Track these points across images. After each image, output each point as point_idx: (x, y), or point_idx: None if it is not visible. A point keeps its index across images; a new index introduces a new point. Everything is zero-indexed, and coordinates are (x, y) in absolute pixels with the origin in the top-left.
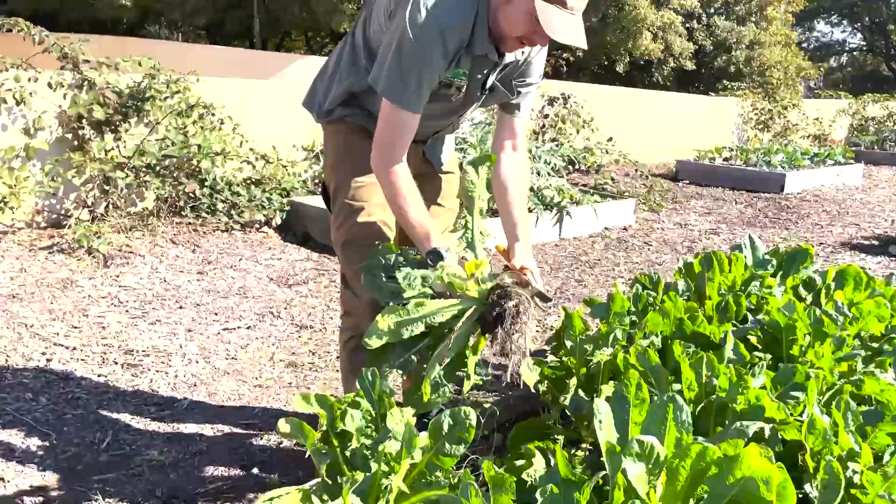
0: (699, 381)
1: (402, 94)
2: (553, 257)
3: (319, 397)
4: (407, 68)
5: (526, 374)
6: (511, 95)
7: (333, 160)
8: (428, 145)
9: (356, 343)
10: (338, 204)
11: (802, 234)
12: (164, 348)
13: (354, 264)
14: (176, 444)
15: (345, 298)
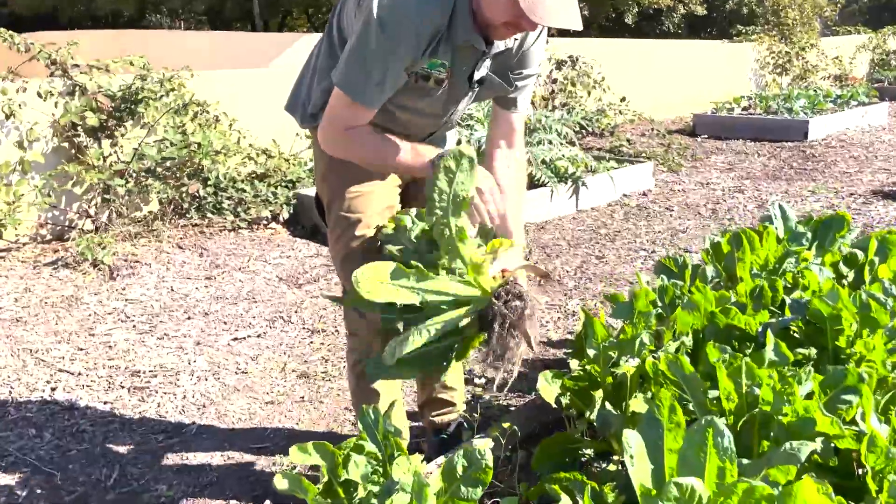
0: (738, 391)
1: (361, 88)
2: (571, 232)
3: (318, 446)
4: (371, 59)
5: (544, 388)
6: (508, 88)
7: (324, 170)
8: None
9: (364, 368)
10: (333, 216)
11: (831, 184)
12: (172, 366)
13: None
14: (185, 475)
15: (349, 317)
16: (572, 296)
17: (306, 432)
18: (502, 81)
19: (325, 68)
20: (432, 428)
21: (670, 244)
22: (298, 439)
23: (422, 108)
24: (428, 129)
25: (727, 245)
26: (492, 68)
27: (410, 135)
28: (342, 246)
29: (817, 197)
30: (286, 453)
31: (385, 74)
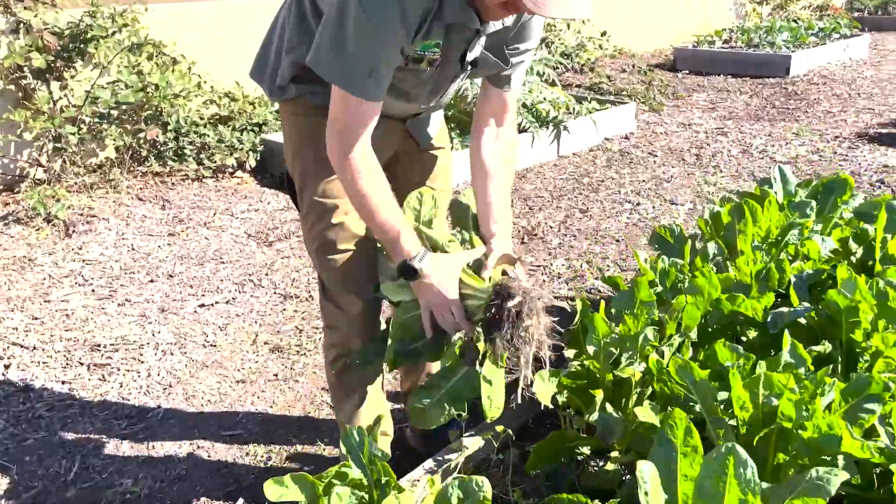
0: (754, 401)
1: (353, 81)
2: (553, 181)
3: (296, 479)
4: (356, 50)
5: (540, 387)
6: (504, 66)
7: (295, 148)
8: (410, 122)
9: (345, 364)
10: (306, 201)
11: (815, 125)
12: (134, 338)
13: (333, 272)
14: (151, 467)
15: (326, 310)
16: (557, 255)
17: (281, 417)
18: (498, 60)
19: (294, 38)
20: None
21: (655, 195)
22: (272, 424)
23: (409, 89)
24: (412, 111)
25: (727, 216)
26: (486, 45)
27: (393, 116)
28: (317, 235)
29: (802, 140)
30: (260, 441)
31: (375, 64)
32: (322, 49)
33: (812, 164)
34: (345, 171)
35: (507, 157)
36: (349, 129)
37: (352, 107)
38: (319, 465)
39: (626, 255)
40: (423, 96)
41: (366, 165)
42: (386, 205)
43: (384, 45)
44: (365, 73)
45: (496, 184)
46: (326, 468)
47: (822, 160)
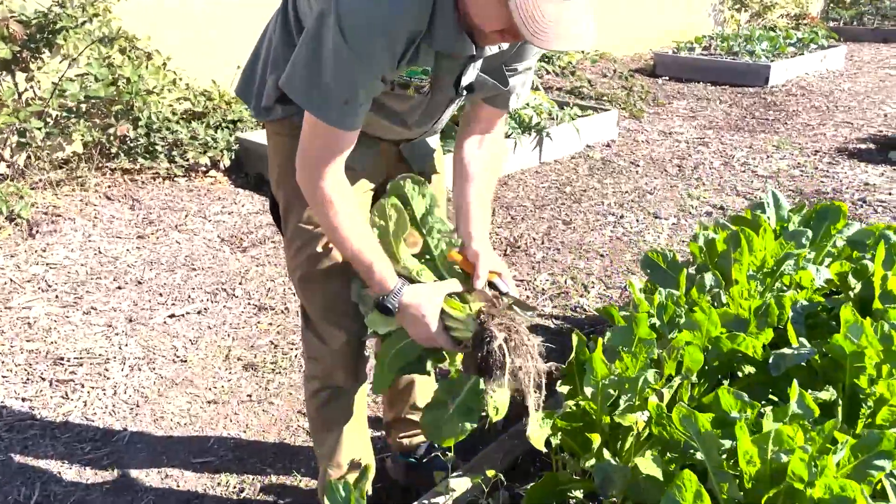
0: (762, 457)
1: (326, 109)
2: (535, 190)
3: None
4: (333, 78)
5: (534, 431)
6: (502, 88)
7: (280, 171)
8: (404, 145)
9: (327, 397)
10: (290, 227)
11: (794, 138)
12: (100, 351)
13: (316, 303)
14: (116, 496)
15: (308, 341)
16: (540, 269)
17: (255, 442)
18: (496, 82)
19: (279, 57)
20: (400, 450)
21: (639, 207)
22: (246, 451)
23: (400, 112)
24: (404, 135)
25: (723, 244)
26: (483, 67)
27: (384, 138)
28: (300, 263)
29: (782, 153)
30: (232, 469)
31: (352, 93)
32: (296, 71)
33: (794, 180)
34: (315, 201)
35: (490, 165)
36: (321, 159)
37: (324, 135)
38: (294, 499)
39: (610, 272)
40: (413, 121)
41: (337, 195)
42: (358, 236)
43: (364, 75)
44: (340, 101)
45: (476, 187)
46: (301, 502)
47: (804, 175)
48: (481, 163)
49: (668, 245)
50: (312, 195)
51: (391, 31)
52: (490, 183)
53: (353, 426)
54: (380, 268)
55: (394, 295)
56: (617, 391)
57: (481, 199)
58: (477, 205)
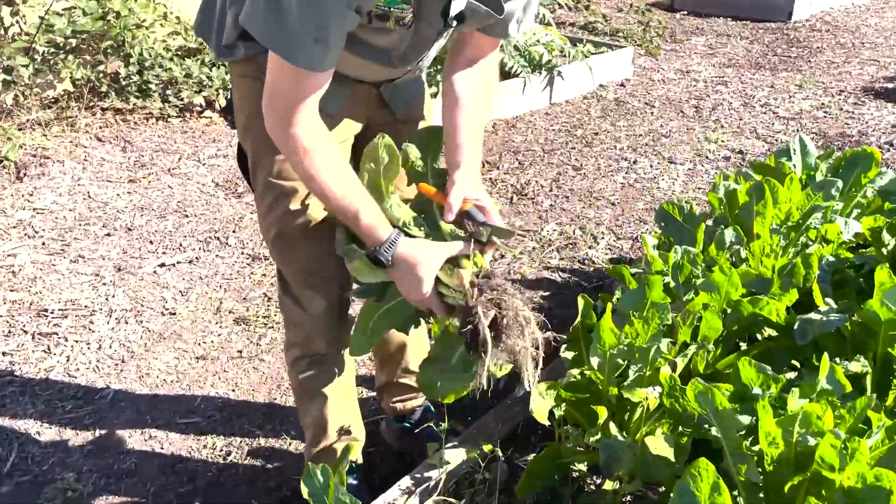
0: (787, 440)
1: (295, 49)
2: (544, 133)
3: None
4: (299, 12)
5: (537, 403)
6: (497, 15)
7: (246, 117)
8: (385, 87)
9: (307, 366)
10: (260, 181)
11: (818, 77)
12: (86, 302)
13: (293, 265)
14: (98, 459)
15: (285, 306)
16: (548, 219)
17: (243, 402)
18: (489, 9)
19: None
20: (393, 414)
21: (653, 152)
22: (234, 411)
23: (379, 47)
24: (386, 75)
25: (745, 195)
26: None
27: (364, 80)
28: (273, 221)
29: (805, 93)
30: (219, 430)
31: (323, 29)
32: (256, 6)
33: (817, 122)
34: (288, 149)
35: (483, 94)
36: (290, 103)
37: (294, 78)
38: (284, 463)
39: (621, 221)
40: (396, 57)
41: (312, 139)
42: (341, 181)
43: (335, 6)
44: (309, 40)
45: (466, 113)
46: (291, 466)
47: (828, 117)
48: (473, 91)
49: (683, 192)
50: (284, 143)
51: None
52: (483, 112)
53: (338, 395)
54: (368, 215)
55: (388, 245)
56: (626, 361)
57: (471, 127)
58: (467, 132)
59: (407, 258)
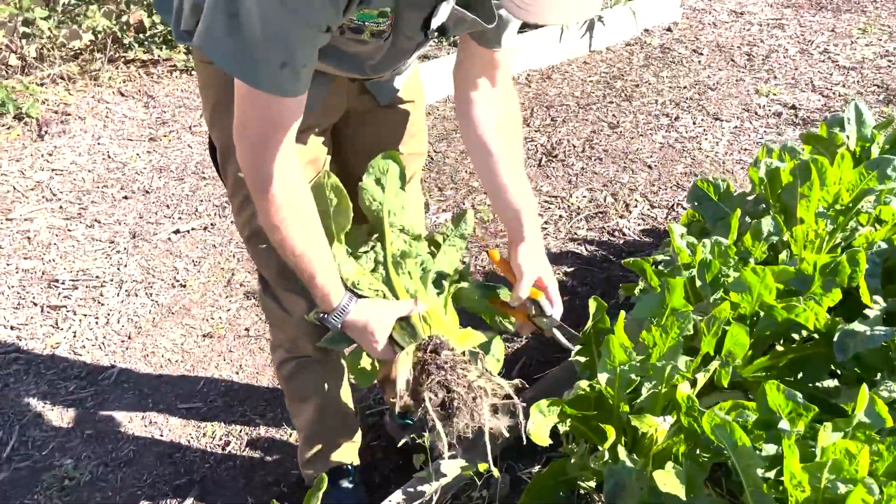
0: (814, 486)
1: (260, 75)
2: (581, 85)
3: None
4: (263, 34)
5: (536, 423)
6: (487, 24)
7: (212, 106)
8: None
9: (295, 369)
10: (230, 176)
11: (884, 20)
12: (97, 272)
13: (271, 268)
14: (97, 445)
15: (268, 308)
16: (577, 184)
17: (246, 387)
18: (476, 17)
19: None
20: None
21: (697, 107)
22: (236, 397)
23: (353, 55)
24: (365, 78)
25: (788, 175)
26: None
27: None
28: (247, 220)
29: (869, 39)
30: (219, 418)
31: (290, 52)
32: (213, 26)
33: (880, 72)
34: (255, 190)
35: (509, 128)
36: (261, 134)
37: (262, 106)
38: (282, 455)
39: (657, 187)
40: (370, 66)
41: (283, 185)
42: (303, 239)
43: (301, 30)
44: (275, 64)
45: (504, 164)
46: (289, 460)
47: (892, 66)
48: (499, 132)
49: (727, 154)
50: (252, 182)
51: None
52: (518, 148)
53: (330, 398)
54: (323, 278)
55: (338, 313)
56: (639, 376)
57: (516, 178)
58: (515, 187)
59: (356, 324)
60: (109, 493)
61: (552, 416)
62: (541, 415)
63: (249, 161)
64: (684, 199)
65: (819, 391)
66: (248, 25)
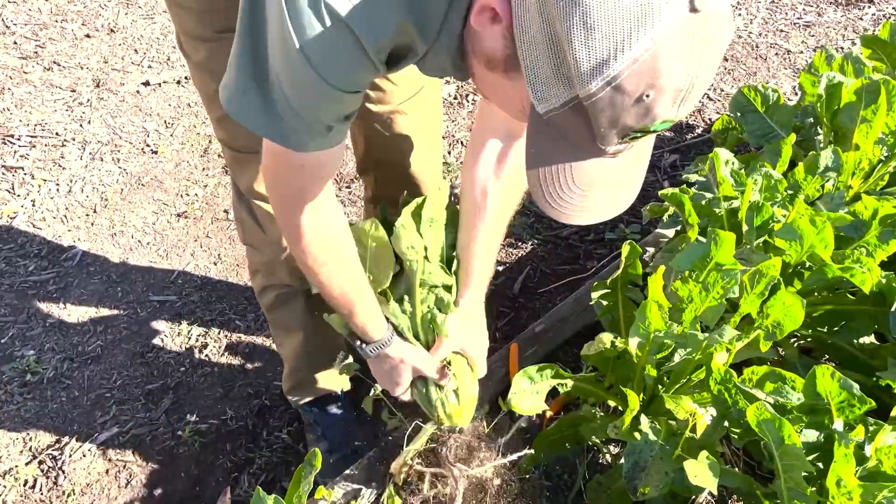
0: (867, 500)
1: (298, 139)
2: None
3: None
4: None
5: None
6: None
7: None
8: None
9: (276, 301)
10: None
11: None
12: (58, 128)
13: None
14: (61, 337)
15: (242, 222)
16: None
17: (224, 283)
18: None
19: None
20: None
21: None
22: (214, 292)
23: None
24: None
25: (852, 94)
26: None
27: None
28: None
29: None
30: (195, 316)
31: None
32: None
33: None
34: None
35: (509, 192)
36: (298, 190)
37: (298, 165)
38: (264, 364)
39: None
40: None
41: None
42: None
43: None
44: (317, 131)
45: (486, 229)
46: (271, 369)
47: None
48: (500, 193)
49: (760, 36)
50: (287, 233)
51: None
52: (505, 217)
53: (315, 330)
54: (363, 318)
55: (375, 346)
56: (672, 343)
57: (489, 243)
58: (483, 250)
59: (390, 360)
60: (76, 393)
61: (544, 381)
62: (528, 382)
63: (283, 213)
64: (714, 87)
65: (863, 352)
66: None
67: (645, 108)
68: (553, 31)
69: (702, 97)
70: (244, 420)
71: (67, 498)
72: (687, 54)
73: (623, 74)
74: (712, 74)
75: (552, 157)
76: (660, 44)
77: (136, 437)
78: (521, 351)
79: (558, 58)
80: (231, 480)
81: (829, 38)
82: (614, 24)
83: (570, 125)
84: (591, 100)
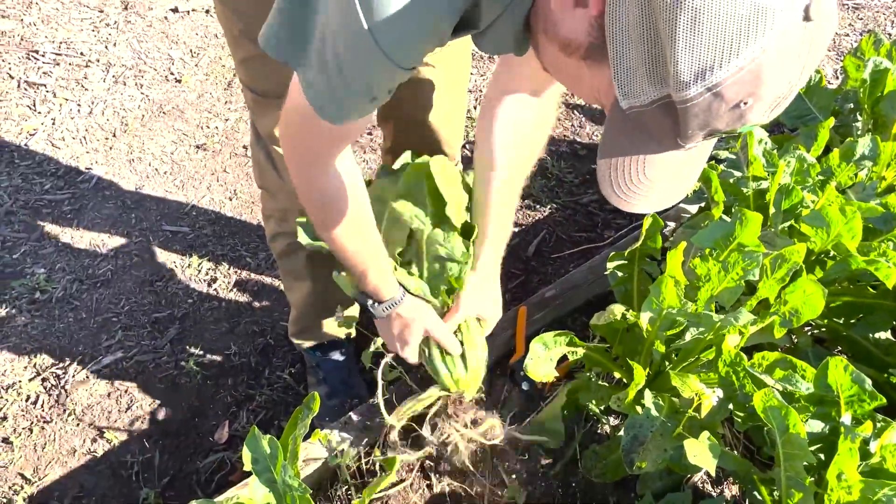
0: (867, 496)
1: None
2: None
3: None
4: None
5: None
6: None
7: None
8: None
9: (287, 249)
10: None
11: None
12: (83, 47)
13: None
14: (72, 258)
15: (259, 164)
16: None
17: (237, 220)
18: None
19: None
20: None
21: None
22: (227, 227)
23: None
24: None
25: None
26: None
27: None
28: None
29: None
30: (206, 249)
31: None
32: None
33: None
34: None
35: (528, 149)
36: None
37: (330, 131)
38: (271, 302)
39: None
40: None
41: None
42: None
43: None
44: (365, 99)
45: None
46: (278, 309)
47: None
48: (515, 147)
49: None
50: (303, 190)
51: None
52: (523, 173)
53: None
54: (376, 279)
55: (386, 305)
56: (685, 320)
57: (506, 201)
58: (499, 209)
59: (401, 319)
60: (83, 315)
61: (558, 347)
62: (543, 348)
63: (304, 176)
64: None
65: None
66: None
67: (739, 113)
68: (654, 27)
69: None
70: (247, 357)
71: (68, 416)
72: (793, 63)
73: (726, 83)
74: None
75: (627, 149)
76: (768, 53)
77: (139, 363)
78: (529, 315)
79: (654, 56)
80: (230, 415)
81: (878, 23)
82: (723, 30)
83: (655, 122)
84: (685, 104)
